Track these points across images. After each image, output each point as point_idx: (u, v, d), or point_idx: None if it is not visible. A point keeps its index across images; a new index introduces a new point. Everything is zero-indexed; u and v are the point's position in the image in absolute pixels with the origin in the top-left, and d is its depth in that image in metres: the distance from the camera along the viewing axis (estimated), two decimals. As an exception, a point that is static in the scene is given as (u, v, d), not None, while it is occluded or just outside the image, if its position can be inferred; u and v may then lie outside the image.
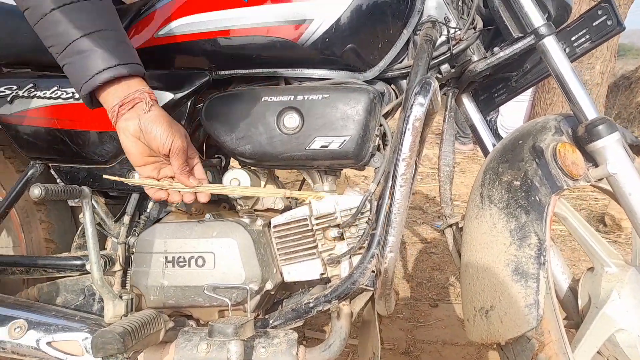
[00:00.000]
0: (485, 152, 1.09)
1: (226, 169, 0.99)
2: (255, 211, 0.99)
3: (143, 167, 0.82)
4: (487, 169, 0.89)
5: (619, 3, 3.75)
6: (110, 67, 0.73)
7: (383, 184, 0.81)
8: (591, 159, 0.88)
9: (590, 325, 0.86)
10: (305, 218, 0.91)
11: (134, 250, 0.96)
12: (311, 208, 0.91)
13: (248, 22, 0.86)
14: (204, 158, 1.03)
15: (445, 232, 1.04)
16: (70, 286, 1.03)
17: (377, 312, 0.90)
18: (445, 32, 0.91)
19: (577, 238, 0.98)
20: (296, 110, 0.86)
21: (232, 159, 1.00)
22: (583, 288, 0.95)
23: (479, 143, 1.12)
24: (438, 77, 0.97)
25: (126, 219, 0.98)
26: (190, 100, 0.94)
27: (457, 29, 0.90)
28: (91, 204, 0.89)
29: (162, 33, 0.91)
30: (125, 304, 0.91)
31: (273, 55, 0.90)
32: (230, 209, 1.05)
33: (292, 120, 0.86)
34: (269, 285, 0.90)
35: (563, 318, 0.96)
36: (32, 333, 0.92)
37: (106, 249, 1.01)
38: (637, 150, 1.00)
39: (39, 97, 0.97)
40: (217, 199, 1.03)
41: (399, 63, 0.94)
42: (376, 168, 0.89)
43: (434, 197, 3.26)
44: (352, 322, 0.90)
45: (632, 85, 5.93)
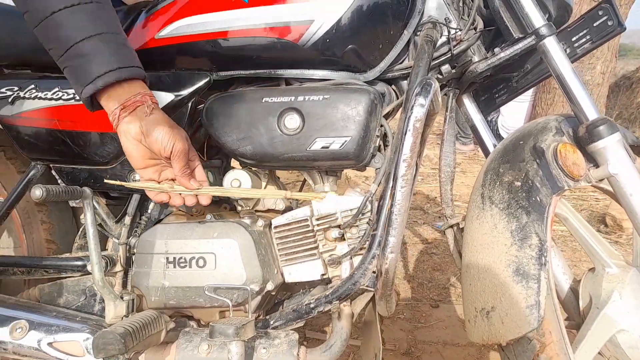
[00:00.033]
0: (486, 153, 1.09)
1: (227, 170, 0.99)
2: (256, 212, 0.99)
3: (144, 170, 0.82)
4: (488, 170, 0.89)
5: (620, 3, 3.75)
6: (111, 71, 0.73)
7: (384, 185, 0.81)
8: (592, 160, 0.88)
9: (591, 326, 0.86)
10: (306, 219, 0.91)
11: (135, 251, 0.96)
12: (312, 209, 0.91)
13: (249, 23, 0.87)
14: (205, 159, 1.03)
15: (446, 233, 1.04)
16: (71, 287, 1.03)
17: (378, 313, 0.90)
18: (445, 33, 0.91)
19: (578, 239, 0.98)
20: (297, 111, 0.86)
21: (233, 160, 1.00)
22: (584, 289, 0.95)
23: (480, 143, 1.12)
24: (439, 78, 0.97)
25: (127, 220, 0.98)
26: (191, 101, 0.94)
27: (458, 30, 0.91)
28: (92, 205, 0.89)
29: (163, 34, 0.91)
30: (126, 305, 0.91)
31: (274, 56, 0.90)
32: (231, 210, 1.05)
33: (293, 121, 0.87)
34: (270, 286, 0.90)
35: (564, 319, 0.96)
36: (34, 334, 0.92)
37: (107, 250, 1.01)
38: (638, 150, 1.00)
39: (40, 98, 0.97)
40: (218, 200, 1.03)
41: (400, 64, 0.94)
42: (377, 169, 0.89)
43: (435, 198, 3.26)
44: (353, 323, 0.90)
45: (633, 85, 5.92)
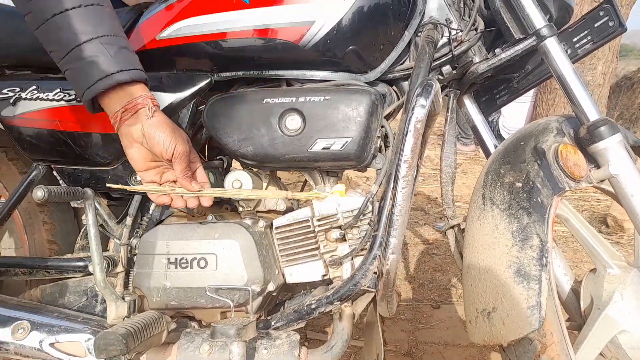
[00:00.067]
0: (487, 153, 1.09)
1: (228, 171, 0.99)
2: (257, 212, 0.99)
3: (146, 172, 0.82)
4: (489, 171, 0.89)
5: (621, 4, 3.75)
6: (112, 74, 0.74)
7: (385, 186, 0.81)
8: (593, 161, 0.88)
9: (592, 326, 0.86)
10: (307, 219, 0.91)
11: (137, 251, 0.96)
12: (313, 209, 0.91)
13: (250, 24, 0.87)
14: (206, 160, 1.03)
15: (447, 234, 1.04)
16: (73, 287, 1.03)
17: (379, 314, 0.90)
18: (446, 34, 0.91)
19: (579, 239, 0.98)
20: (298, 111, 0.86)
21: (234, 161, 1.00)
22: (585, 289, 0.95)
23: (481, 144, 1.12)
24: (439, 79, 0.97)
25: (129, 221, 0.98)
26: (192, 102, 0.94)
27: (459, 31, 0.91)
28: (94, 206, 0.90)
29: (164, 35, 0.92)
30: (127, 306, 0.92)
31: (275, 57, 0.90)
32: (232, 211, 1.05)
33: (294, 121, 0.87)
34: (271, 286, 0.90)
35: (565, 320, 0.96)
36: (35, 334, 0.92)
37: (109, 251, 1.01)
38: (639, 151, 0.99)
39: (42, 99, 0.98)
40: (219, 201, 1.03)
41: (401, 65, 0.94)
42: (378, 169, 0.89)
43: (436, 198, 3.26)
44: (354, 324, 0.90)
45: (635, 86, 5.91)
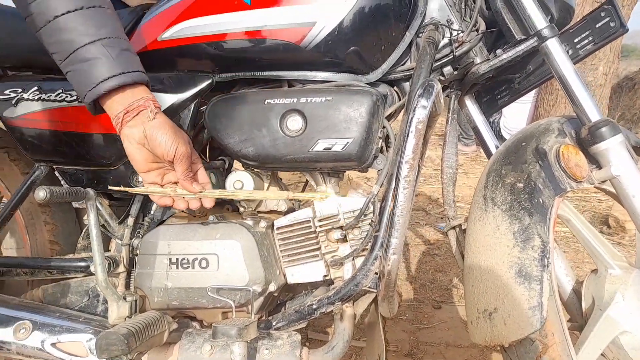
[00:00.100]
0: (488, 154, 1.09)
1: (229, 171, 0.99)
2: (258, 213, 1.00)
3: (147, 174, 0.82)
4: (490, 171, 0.89)
5: (622, 4, 3.74)
6: (114, 76, 0.74)
7: (386, 186, 0.81)
8: (595, 161, 0.88)
9: (594, 327, 0.86)
10: (308, 220, 0.91)
11: (138, 251, 0.96)
12: (314, 210, 0.91)
13: (251, 25, 0.87)
14: (208, 160, 1.03)
15: (448, 234, 1.04)
16: (74, 288, 1.03)
17: (381, 314, 0.90)
18: (447, 35, 0.91)
19: (581, 240, 0.98)
20: (299, 112, 0.87)
21: (236, 161, 1.01)
22: (587, 290, 0.95)
23: (482, 145, 1.11)
24: (441, 80, 0.97)
25: (130, 221, 0.98)
26: (193, 102, 0.94)
27: (460, 32, 0.91)
28: (95, 206, 0.90)
29: (166, 36, 0.92)
30: (129, 306, 0.92)
31: (276, 58, 0.90)
32: (233, 211, 1.05)
33: (295, 122, 0.87)
34: (272, 287, 0.90)
35: (567, 320, 0.96)
36: (37, 334, 0.92)
37: (110, 251, 1.01)
38: (641, 152, 0.99)
39: (44, 100, 0.98)
40: (221, 201, 1.04)
41: (402, 65, 0.94)
42: (379, 170, 0.90)
43: (437, 199, 3.25)
44: (355, 324, 0.90)
45: (636, 86, 5.90)
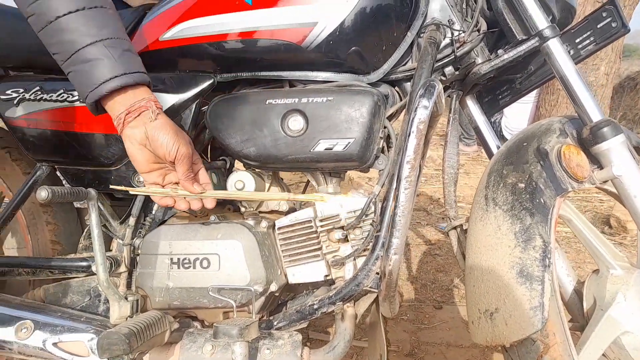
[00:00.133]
0: (489, 154, 1.09)
1: (231, 171, 0.99)
2: (259, 213, 1.00)
3: (148, 174, 0.82)
4: (492, 171, 0.89)
5: (624, 4, 3.74)
6: (116, 77, 0.74)
7: (387, 186, 0.81)
8: (596, 161, 0.88)
9: (595, 327, 0.86)
10: (309, 220, 0.91)
11: (140, 251, 0.96)
12: (315, 210, 0.91)
13: (252, 25, 0.87)
14: (209, 160, 1.03)
15: (449, 234, 1.04)
16: (76, 287, 1.03)
17: (382, 314, 0.90)
18: (449, 35, 0.91)
19: (582, 240, 0.98)
20: (300, 112, 0.87)
21: (237, 161, 1.01)
22: (588, 290, 0.95)
23: (483, 145, 1.11)
24: (442, 80, 0.97)
25: (131, 221, 0.98)
26: (195, 102, 0.94)
27: (461, 32, 0.91)
28: (97, 206, 0.90)
29: (168, 36, 0.92)
30: (130, 305, 0.92)
31: (277, 58, 0.90)
32: (234, 211, 1.05)
33: (297, 122, 0.87)
34: (274, 286, 0.90)
35: (568, 320, 0.96)
36: (39, 334, 0.92)
37: (112, 251, 1.02)
38: (642, 152, 0.99)
39: (45, 100, 0.98)
40: (222, 201, 1.04)
41: (403, 65, 0.94)
42: (380, 170, 0.90)
43: (438, 199, 3.25)
44: (357, 324, 0.90)
45: (638, 86, 5.89)
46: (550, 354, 0.75)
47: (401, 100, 0.95)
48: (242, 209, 0.99)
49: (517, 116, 4.24)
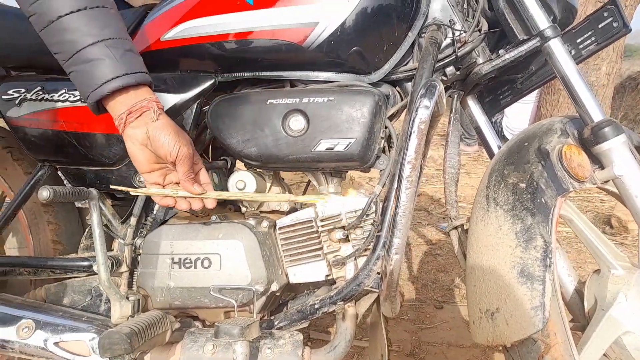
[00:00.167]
0: (490, 154, 1.09)
1: (232, 171, 0.99)
2: (260, 212, 1.00)
3: (149, 174, 0.83)
4: (493, 171, 0.89)
5: (625, 4, 3.73)
6: (117, 77, 0.74)
7: (388, 186, 0.81)
8: (597, 161, 0.88)
9: (596, 327, 0.86)
10: (310, 220, 0.91)
11: (141, 251, 0.96)
12: (316, 210, 0.91)
13: (254, 26, 0.87)
14: (210, 160, 1.04)
15: (450, 234, 1.04)
16: (77, 287, 1.04)
17: (383, 314, 0.90)
18: (450, 35, 0.91)
19: (583, 240, 0.98)
20: (302, 112, 0.87)
21: (238, 161, 1.01)
22: (589, 290, 0.95)
23: (484, 145, 1.11)
24: (443, 80, 0.97)
25: (133, 221, 0.99)
26: (196, 102, 0.94)
27: (462, 32, 0.91)
28: (98, 206, 0.90)
29: (169, 36, 0.92)
30: (132, 305, 0.92)
31: (278, 58, 0.90)
32: (235, 211, 1.05)
33: (298, 122, 0.87)
34: (275, 286, 0.90)
35: (569, 320, 0.96)
36: (40, 333, 0.93)
37: (113, 250, 1.02)
38: (644, 152, 0.99)
39: (47, 100, 0.98)
40: (223, 201, 1.04)
41: (404, 65, 0.94)
42: (381, 170, 0.90)
43: (439, 199, 3.25)
44: (357, 324, 0.90)
45: (639, 86, 5.89)
46: (551, 354, 0.75)
47: (402, 100, 0.95)
48: (243, 209, 0.99)
49: (518, 116, 4.24)
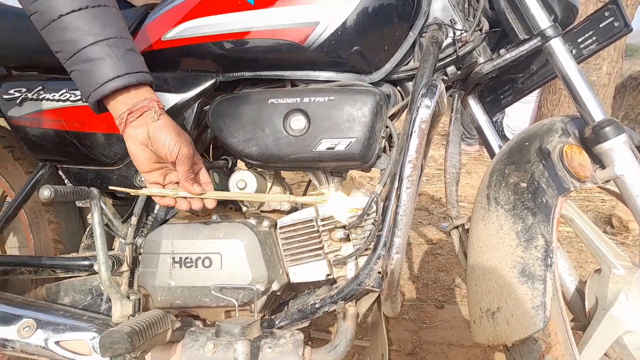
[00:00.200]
0: (491, 154, 1.09)
1: (233, 171, 0.99)
2: (261, 212, 1.00)
3: (149, 174, 0.83)
4: (494, 171, 0.89)
5: (626, 4, 3.72)
6: (119, 76, 0.74)
7: (389, 186, 0.81)
8: (598, 161, 0.88)
9: (597, 327, 0.86)
10: (311, 219, 0.91)
11: (142, 250, 0.97)
12: (317, 209, 0.91)
13: (254, 25, 0.87)
14: (211, 159, 1.04)
15: (451, 234, 1.04)
16: (78, 286, 1.04)
17: (383, 314, 0.90)
18: (451, 34, 0.91)
19: (584, 240, 0.97)
20: (302, 112, 0.87)
21: (239, 161, 1.01)
22: (590, 290, 0.95)
23: (485, 145, 1.11)
24: (444, 79, 0.97)
25: (134, 220, 0.99)
26: (197, 102, 0.94)
27: (463, 31, 0.91)
28: (99, 205, 0.90)
29: (170, 36, 0.92)
30: (132, 304, 0.92)
31: (279, 57, 0.90)
32: (236, 210, 1.05)
33: (299, 122, 0.87)
34: (275, 286, 0.90)
35: (570, 320, 0.96)
36: (41, 332, 0.93)
37: (114, 250, 1.02)
38: (645, 151, 0.99)
39: (48, 100, 0.98)
40: (224, 201, 1.04)
41: (405, 65, 0.94)
42: (382, 170, 0.90)
43: (440, 199, 3.25)
44: (358, 323, 0.90)
45: (640, 85, 5.88)
46: (552, 354, 0.75)
47: (403, 99, 0.95)
48: (244, 209, 0.99)
49: (519, 116, 4.24)
